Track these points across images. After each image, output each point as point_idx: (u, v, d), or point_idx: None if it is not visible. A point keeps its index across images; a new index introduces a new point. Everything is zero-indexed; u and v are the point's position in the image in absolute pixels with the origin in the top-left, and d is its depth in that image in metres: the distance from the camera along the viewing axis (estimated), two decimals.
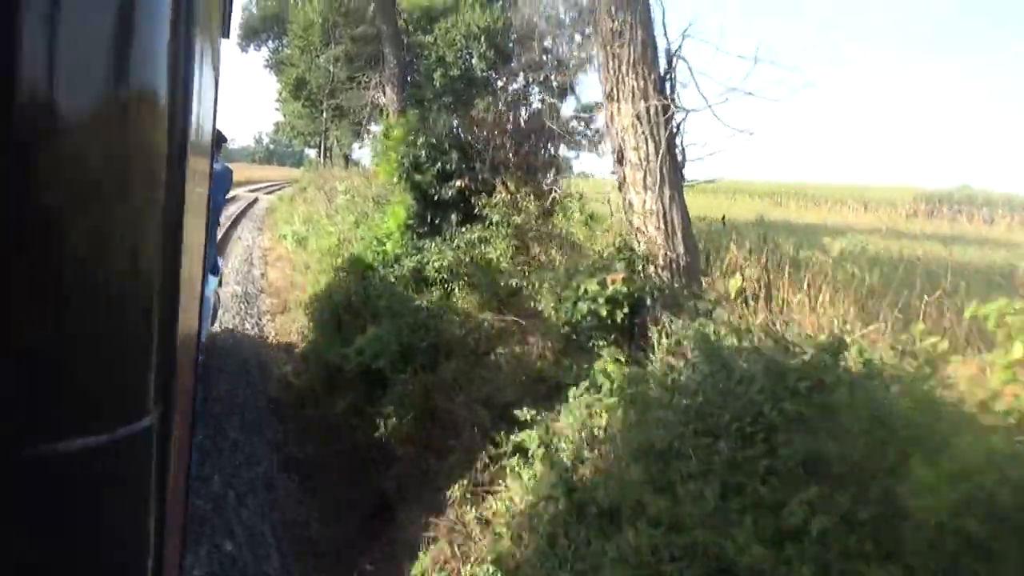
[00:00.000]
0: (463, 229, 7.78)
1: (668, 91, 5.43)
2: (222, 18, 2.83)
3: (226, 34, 3.35)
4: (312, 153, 49.78)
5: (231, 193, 19.45)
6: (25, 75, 0.64)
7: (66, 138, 0.68)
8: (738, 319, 4.55)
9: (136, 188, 0.76)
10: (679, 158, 5.50)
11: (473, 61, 39.69)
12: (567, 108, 45.80)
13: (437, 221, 8.09)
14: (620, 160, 5.52)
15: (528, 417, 4.37)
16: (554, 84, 42.84)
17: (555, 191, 8.13)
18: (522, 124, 8.85)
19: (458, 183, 7.84)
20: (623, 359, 4.40)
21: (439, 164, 7.93)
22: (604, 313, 4.86)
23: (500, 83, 43.11)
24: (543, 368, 5.23)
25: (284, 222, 23.95)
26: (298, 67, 40.91)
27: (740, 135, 5.25)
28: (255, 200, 37.76)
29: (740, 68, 7.42)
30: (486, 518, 4.20)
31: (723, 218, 8.01)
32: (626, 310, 4.88)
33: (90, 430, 0.74)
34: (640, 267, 5.16)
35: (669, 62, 5.47)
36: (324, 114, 39.56)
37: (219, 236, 12.88)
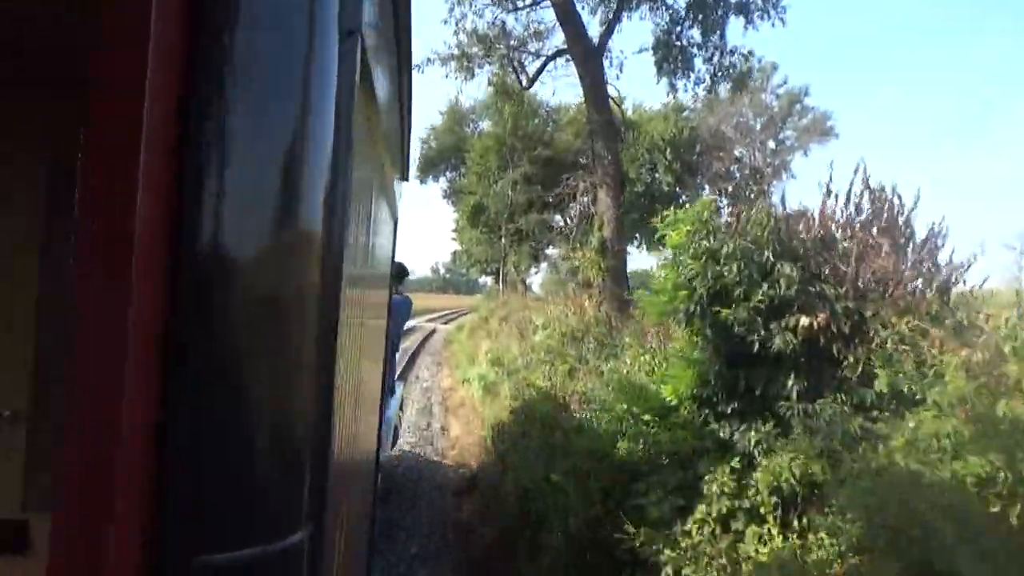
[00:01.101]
0: (816, 405, 4.19)
1: None
2: (401, 162, 3.53)
3: (405, 177, 4.02)
4: (489, 280, 48.74)
5: (410, 323, 17.78)
6: (200, 224, 0.78)
7: (235, 277, 0.81)
8: None
9: (291, 318, 0.88)
10: None
11: (658, 175, 37.04)
12: None
13: (757, 390, 4.53)
14: None
15: None
16: (751, 193, 38.98)
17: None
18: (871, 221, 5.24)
19: (803, 320, 4.28)
20: None
21: (762, 288, 4.44)
22: None
23: (684, 197, 39.99)
24: None
25: (466, 358, 21.48)
26: (475, 194, 40.27)
27: None
28: (433, 331, 36.24)
29: None
30: None
31: None
32: None
33: (249, 543, 0.84)
34: None
35: None
36: (503, 239, 38.09)
37: (399, 370, 13.08)
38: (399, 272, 6.84)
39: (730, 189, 41.81)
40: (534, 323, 13.68)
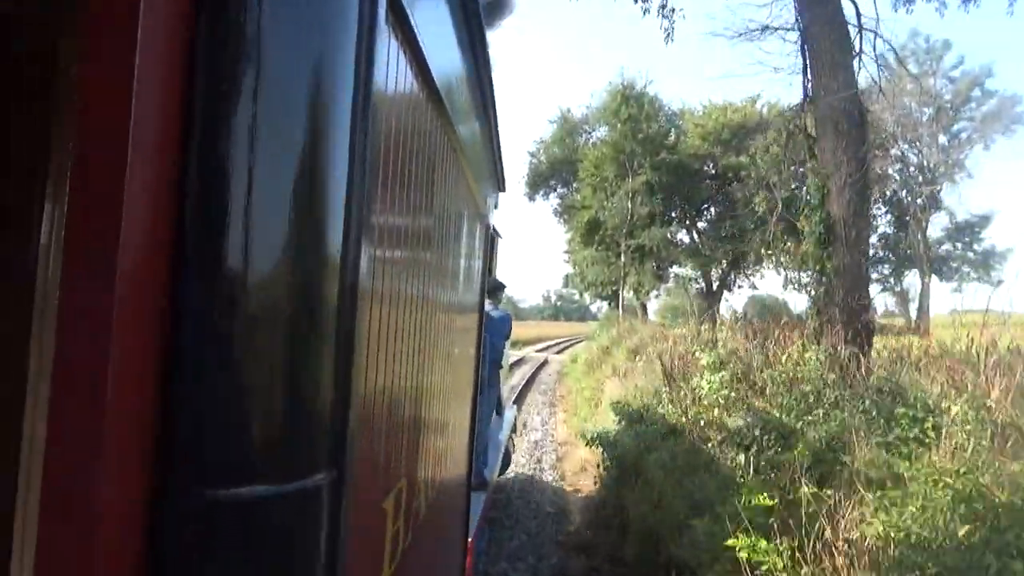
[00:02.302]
0: None
1: None
2: (494, 172, 3.79)
3: (501, 187, 4.31)
4: (605, 306, 44.19)
5: (519, 354, 15.72)
6: (226, 252, 0.85)
7: (259, 293, 0.88)
8: None
9: (310, 327, 0.95)
10: None
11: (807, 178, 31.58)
12: (935, 227, 33.66)
13: None
14: None
15: None
16: (919, 199, 32.32)
17: None
18: None
19: None
20: None
21: None
22: None
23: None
24: None
25: (584, 400, 17.20)
26: (590, 208, 35.81)
27: None
28: (544, 362, 31.99)
29: None
30: None
31: None
32: None
33: (267, 480, 0.88)
34: None
35: None
36: (622, 257, 33.46)
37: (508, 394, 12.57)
38: (494, 287, 6.57)
39: (888, 195, 35.57)
40: (697, 358, 9.07)
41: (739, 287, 37.73)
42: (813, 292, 9.84)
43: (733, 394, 7.24)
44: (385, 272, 1.38)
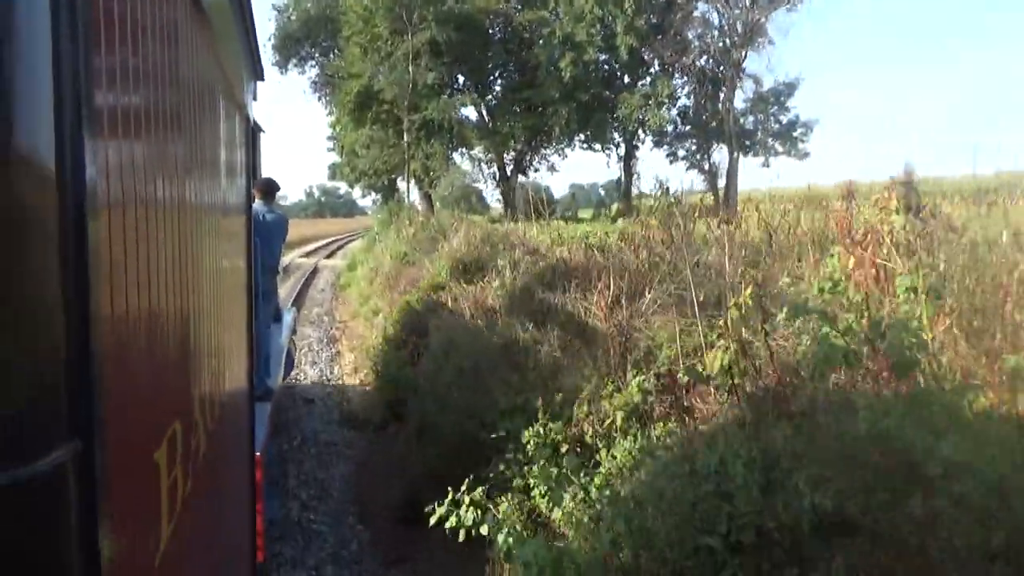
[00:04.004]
0: None
1: None
2: (251, 61, 3.23)
3: (260, 76, 3.73)
4: (376, 200, 37.90)
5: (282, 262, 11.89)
6: None
7: None
8: None
9: (26, 241, 0.75)
10: None
11: (618, 37, 26.77)
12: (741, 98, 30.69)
13: None
14: None
15: None
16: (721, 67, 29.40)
17: None
18: None
19: None
20: None
21: None
22: None
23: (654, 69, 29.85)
24: None
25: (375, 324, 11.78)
26: (360, 76, 28.64)
27: None
28: (314, 271, 25.56)
29: None
30: None
31: None
32: None
33: None
34: None
35: None
36: (405, 136, 26.95)
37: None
38: (267, 188, 6.17)
39: (693, 63, 32.44)
40: None
41: (535, 170, 33.38)
42: None
43: None
44: (124, 169, 1.10)
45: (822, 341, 3.59)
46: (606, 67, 29.50)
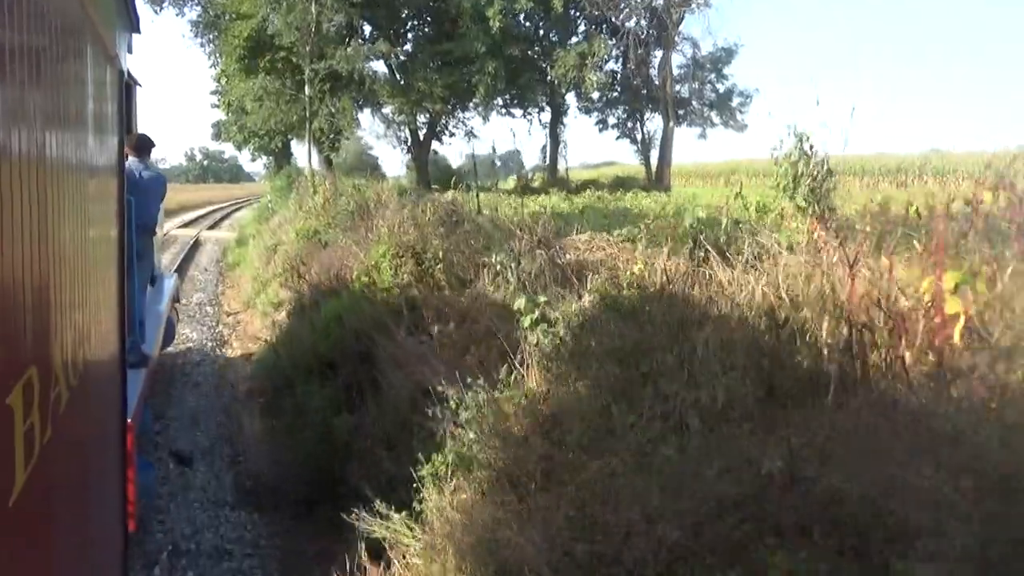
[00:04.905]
0: None
1: None
2: (124, 10, 3.06)
3: (135, 27, 3.57)
4: (265, 165, 33.60)
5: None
6: None
7: None
8: None
9: None
10: None
11: None
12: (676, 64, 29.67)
13: None
14: None
15: None
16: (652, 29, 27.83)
17: None
18: None
19: None
20: None
21: None
22: None
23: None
24: None
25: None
26: (252, 17, 24.29)
27: None
28: (195, 244, 21.64)
29: None
30: None
31: None
32: None
33: None
34: None
35: None
36: (307, 89, 22.97)
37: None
38: (142, 145, 5.93)
39: (623, 23, 29.94)
40: None
41: (451, 135, 30.05)
42: None
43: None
44: None
45: None
46: (539, 21, 26.57)
